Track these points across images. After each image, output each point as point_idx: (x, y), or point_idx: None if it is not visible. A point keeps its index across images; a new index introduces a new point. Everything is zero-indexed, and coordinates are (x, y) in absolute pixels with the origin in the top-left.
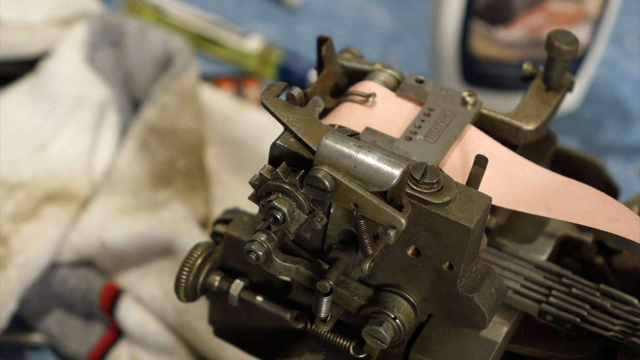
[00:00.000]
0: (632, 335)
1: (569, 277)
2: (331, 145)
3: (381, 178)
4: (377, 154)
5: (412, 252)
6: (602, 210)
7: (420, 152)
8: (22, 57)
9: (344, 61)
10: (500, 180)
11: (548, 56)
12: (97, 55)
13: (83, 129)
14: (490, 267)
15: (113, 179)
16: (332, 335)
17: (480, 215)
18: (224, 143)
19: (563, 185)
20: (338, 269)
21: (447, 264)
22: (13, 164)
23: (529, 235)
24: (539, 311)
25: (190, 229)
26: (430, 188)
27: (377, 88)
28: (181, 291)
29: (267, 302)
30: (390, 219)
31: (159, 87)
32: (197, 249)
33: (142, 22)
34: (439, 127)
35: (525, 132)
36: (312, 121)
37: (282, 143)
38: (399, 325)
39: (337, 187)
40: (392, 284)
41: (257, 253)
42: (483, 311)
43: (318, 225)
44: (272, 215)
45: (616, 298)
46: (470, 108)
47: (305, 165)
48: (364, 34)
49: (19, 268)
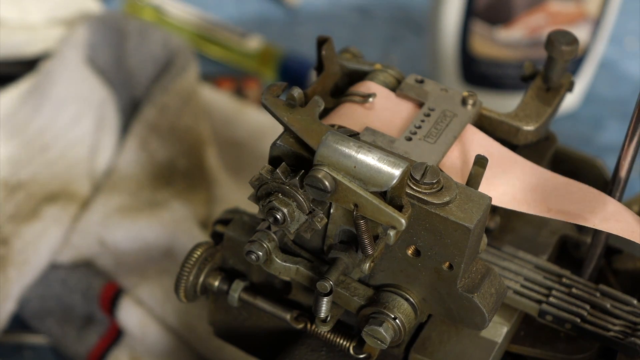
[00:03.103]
0: (632, 335)
1: (568, 277)
2: (331, 145)
3: (381, 178)
4: (377, 154)
5: (412, 252)
6: (602, 211)
7: (420, 152)
8: (22, 57)
9: (343, 61)
10: (500, 180)
11: (548, 56)
12: (97, 56)
13: (83, 129)
14: (490, 267)
15: (113, 179)
16: (332, 335)
17: (480, 215)
18: (224, 143)
19: (562, 185)
20: (338, 269)
21: (447, 264)
22: (13, 164)
23: (529, 235)
24: (539, 311)
25: (190, 229)
26: (430, 188)
27: (377, 88)
28: (181, 291)
29: (267, 302)
30: (390, 219)
31: (159, 87)
32: (197, 250)
33: (142, 22)
34: (439, 127)
35: (525, 132)
36: (312, 121)
37: (282, 143)
38: (399, 325)
39: (337, 187)
40: (392, 284)
41: (257, 253)
42: (483, 311)
43: (318, 226)
44: (272, 216)
45: (615, 298)
46: (470, 108)
47: (305, 166)
48: (364, 34)
49: (19, 268)
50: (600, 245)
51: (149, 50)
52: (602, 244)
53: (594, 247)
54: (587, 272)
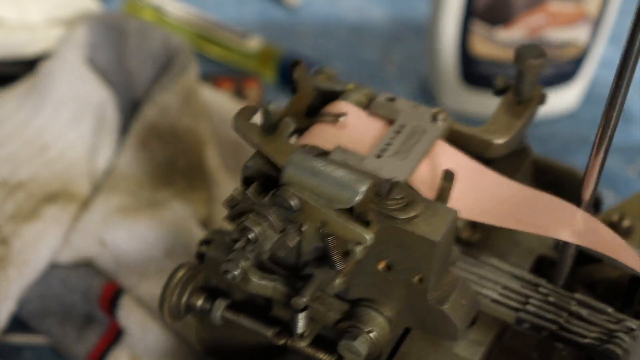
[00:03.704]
0: (608, 342)
1: (545, 286)
2: (296, 164)
3: (345, 195)
4: (340, 172)
5: (383, 267)
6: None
7: (390, 168)
8: (22, 57)
9: (317, 82)
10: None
11: (518, 71)
12: (97, 55)
13: (83, 129)
14: (461, 279)
15: (113, 178)
16: (313, 350)
17: (445, 228)
18: (224, 143)
19: (532, 197)
20: (313, 285)
21: (418, 278)
22: (13, 164)
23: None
24: (516, 319)
25: (190, 229)
26: (397, 204)
27: (349, 107)
28: (165, 311)
29: (249, 320)
30: (356, 236)
31: (159, 87)
32: (179, 270)
33: (142, 22)
34: (409, 143)
35: (496, 145)
36: (282, 142)
37: (252, 165)
38: (372, 338)
39: (302, 205)
40: (366, 298)
41: (233, 273)
42: (454, 322)
43: (289, 244)
44: (245, 235)
45: (591, 307)
46: (440, 124)
47: (276, 185)
48: (364, 34)
49: (19, 268)
50: (569, 254)
51: (149, 50)
52: (572, 254)
53: (563, 257)
54: (558, 281)
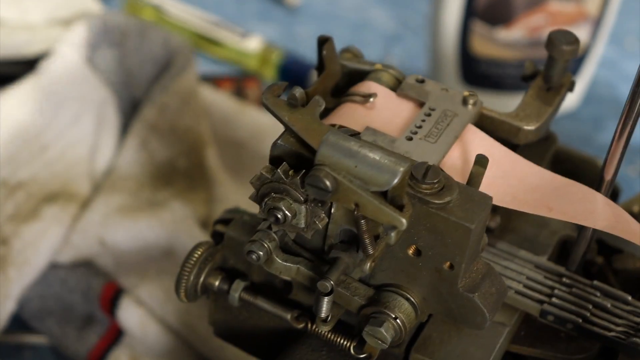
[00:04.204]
0: (634, 335)
1: (569, 277)
2: (332, 144)
3: (382, 178)
4: (378, 153)
5: (413, 252)
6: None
7: (421, 152)
8: (22, 57)
9: (344, 61)
10: (500, 180)
11: (548, 56)
12: (97, 55)
13: (83, 129)
14: (491, 267)
15: (113, 178)
16: (333, 335)
17: (481, 215)
18: (224, 143)
19: (563, 185)
20: (339, 269)
21: (448, 264)
22: (13, 164)
23: (530, 235)
24: (541, 311)
25: (190, 229)
26: (431, 188)
27: (378, 88)
28: (182, 291)
29: (267, 302)
30: (391, 219)
31: (159, 87)
32: (197, 249)
33: (142, 22)
34: (440, 127)
35: (526, 132)
36: (313, 121)
37: (282, 143)
38: (399, 325)
39: (337, 187)
40: (392, 284)
41: (258, 253)
42: (484, 311)
43: (319, 225)
44: (273, 215)
45: (609, 294)
46: (470, 108)
47: (306, 165)
48: (364, 34)
49: (19, 268)
50: (585, 240)
51: (149, 50)
52: (588, 239)
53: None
54: (572, 268)
